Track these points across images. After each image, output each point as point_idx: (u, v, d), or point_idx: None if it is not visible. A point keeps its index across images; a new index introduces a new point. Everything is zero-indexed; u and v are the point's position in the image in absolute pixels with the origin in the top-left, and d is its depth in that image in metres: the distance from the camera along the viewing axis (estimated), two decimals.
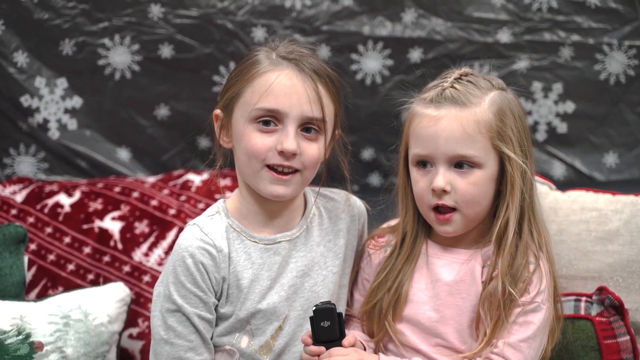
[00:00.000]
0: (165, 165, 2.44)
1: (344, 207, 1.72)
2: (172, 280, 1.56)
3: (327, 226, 1.69)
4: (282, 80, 1.55)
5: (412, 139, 1.65)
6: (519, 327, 1.57)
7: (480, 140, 1.59)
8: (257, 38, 2.35)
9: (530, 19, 2.34)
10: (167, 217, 2.18)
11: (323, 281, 1.65)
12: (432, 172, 1.61)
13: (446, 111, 1.60)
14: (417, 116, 1.64)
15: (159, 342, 1.57)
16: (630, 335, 1.73)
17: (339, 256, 1.69)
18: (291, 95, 1.55)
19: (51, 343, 1.79)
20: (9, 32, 2.34)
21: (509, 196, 1.61)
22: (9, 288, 1.94)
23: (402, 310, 1.66)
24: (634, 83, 2.36)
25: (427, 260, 1.68)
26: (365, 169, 2.46)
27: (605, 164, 2.42)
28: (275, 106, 1.54)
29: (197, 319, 1.56)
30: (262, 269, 1.61)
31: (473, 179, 1.60)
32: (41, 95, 2.38)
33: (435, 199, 1.61)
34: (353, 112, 2.42)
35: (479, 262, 1.64)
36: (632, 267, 1.85)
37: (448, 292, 1.64)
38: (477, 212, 1.63)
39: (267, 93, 1.54)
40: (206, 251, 1.57)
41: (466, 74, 1.67)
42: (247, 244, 1.61)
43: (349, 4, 2.34)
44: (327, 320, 1.52)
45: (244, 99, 1.56)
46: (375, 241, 1.76)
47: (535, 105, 2.40)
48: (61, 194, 2.23)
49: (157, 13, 2.34)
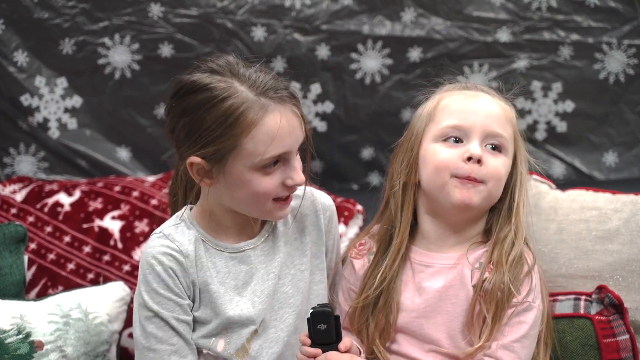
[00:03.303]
0: (165, 164, 2.44)
1: (307, 204, 1.71)
2: (145, 288, 1.56)
3: (291, 225, 1.69)
4: (282, 124, 1.52)
5: (442, 114, 1.65)
6: (511, 328, 1.58)
7: (509, 128, 1.66)
8: (257, 37, 2.35)
9: (529, 18, 2.34)
10: (167, 217, 2.16)
11: (291, 280, 1.65)
12: (463, 146, 1.62)
13: (483, 93, 1.68)
14: (451, 95, 1.68)
15: (142, 351, 1.57)
16: (629, 334, 1.73)
17: (305, 253, 1.68)
18: (292, 134, 1.54)
19: (51, 342, 1.79)
20: (9, 32, 2.34)
21: (517, 194, 1.66)
22: (9, 287, 1.94)
23: (395, 323, 1.66)
24: (634, 82, 2.36)
25: (413, 268, 1.68)
26: (365, 169, 2.46)
27: (605, 163, 2.43)
28: (284, 149, 1.53)
29: (176, 322, 1.56)
30: (227, 277, 1.61)
31: (502, 160, 1.63)
32: (41, 94, 2.38)
33: (467, 168, 1.60)
34: (353, 112, 2.43)
35: (467, 265, 1.64)
36: (632, 266, 1.85)
37: (438, 298, 1.63)
38: (496, 195, 1.64)
39: (275, 140, 1.51)
40: (173, 257, 1.57)
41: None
42: (212, 252, 1.61)
43: (348, 3, 2.35)
44: (323, 323, 1.52)
45: (246, 151, 1.51)
46: (357, 249, 1.75)
47: (534, 104, 2.40)
48: (61, 193, 2.24)
49: (157, 12, 2.34)
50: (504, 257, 1.60)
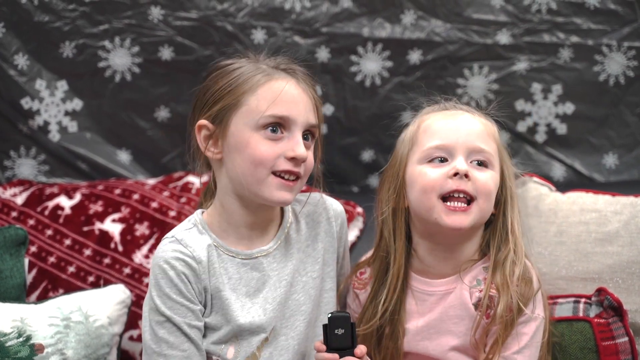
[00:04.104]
0: (166, 167, 2.44)
1: (320, 211, 1.72)
2: (157, 293, 1.56)
3: (304, 232, 1.69)
4: (289, 89, 1.56)
5: (425, 136, 1.65)
6: (511, 340, 1.59)
7: (492, 143, 1.65)
8: (256, 40, 2.35)
9: (529, 21, 2.34)
10: (168, 219, 2.18)
11: (303, 288, 1.65)
12: (448, 164, 1.61)
13: (463, 112, 1.68)
14: (431, 116, 1.68)
15: (151, 356, 1.56)
16: (629, 337, 1.73)
17: (318, 261, 1.68)
18: (298, 103, 1.56)
19: (52, 345, 1.79)
20: (10, 35, 2.34)
21: (510, 209, 1.66)
22: (10, 290, 1.94)
23: (402, 348, 1.66)
24: (634, 84, 2.36)
25: (415, 297, 1.68)
26: (365, 171, 2.46)
27: (605, 165, 2.43)
28: (286, 113, 1.55)
29: (188, 328, 1.56)
30: (239, 284, 1.60)
31: (489, 174, 1.63)
32: (42, 97, 2.39)
33: (454, 183, 1.59)
34: (353, 114, 2.43)
35: (465, 288, 1.63)
36: (632, 268, 1.85)
37: (439, 319, 1.64)
38: (488, 211, 1.63)
39: (277, 100, 1.54)
40: (186, 263, 1.57)
41: (457, 102, 1.74)
42: (224, 258, 1.61)
43: (348, 5, 2.35)
44: (341, 328, 1.52)
45: (248, 107, 1.55)
46: (358, 278, 1.75)
47: (534, 106, 2.40)
48: (62, 196, 2.24)
49: (157, 15, 2.34)
50: (509, 278, 1.59)
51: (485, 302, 1.59)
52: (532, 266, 1.66)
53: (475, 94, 2.38)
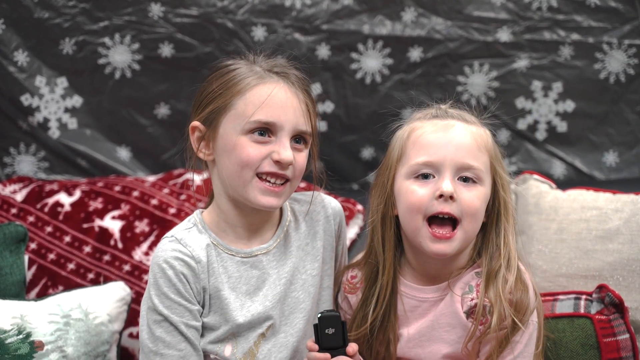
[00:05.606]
0: (166, 164, 2.44)
1: (318, 209, 1.72)
2: (155, 292, 1.56)
3: (303, 230, 1.69)
4: (277, 94, 1.56)
5: (413, 150, 1.61)
6: (505, 346, 1.57)
7: (483, 157, 1.60)
8: (257, 37, 2.35)
9: (530, 18, 2.34)
10: (167, 216, 2.18)
11: (302, 285, 1.65)
12: (435, 182, 1.58)
13: (455, 122, 1.62)
14: (421, 127, 1.63)
15: (147, 355, 1.56)
16: (629, 333, 1.73)
17: (317, 259, 1.68)
18: (286, 109, 1.56)
19: (51, 342, 1.79)
20: (10, 31, 2.34)
21: (504, 220, 1.62)
22: (9, 287, 1.94)
23: (394, 353, 1.65)
24: (634, 82, 2.36)
25: (404, 302, 1.66)
26: (365, 168, 2.46)
27: (605, 162, 2.43)
28: (272, 119, 1.55)
29: (185, 328, 1.56)
30: (239, 282, 1.61)
31: (476, 192, 1.58)
32: (41, 94, 2.38)
33: (439, 205, 1.56)
34: (353, 112, 2.42)
35: (456, 299, 1.61)
36: (633, 265, 1.85)
37: (430, 327, 1.63)
38: (474, 231, 1.60)
39: (264, 106, 1.54)
40: (185, 262, 1.57)
41: (452, 106, 1.68)
42: (223, 257, 1.61)
43: (348, 2, 2.34)
44: (331, 328, 1.52)
45: (235, 111, 1.56)
46: (349, 282, 1.73)
47: (535, 104, 2.40)
48: (61, 193, 2.24)
49: (157, 12, 2.34)
50: (502, 294, 1.56)
51: (479, 311, 1.57)
52: (529, 277, 1.62)
53: (476, 91, 2.38)
